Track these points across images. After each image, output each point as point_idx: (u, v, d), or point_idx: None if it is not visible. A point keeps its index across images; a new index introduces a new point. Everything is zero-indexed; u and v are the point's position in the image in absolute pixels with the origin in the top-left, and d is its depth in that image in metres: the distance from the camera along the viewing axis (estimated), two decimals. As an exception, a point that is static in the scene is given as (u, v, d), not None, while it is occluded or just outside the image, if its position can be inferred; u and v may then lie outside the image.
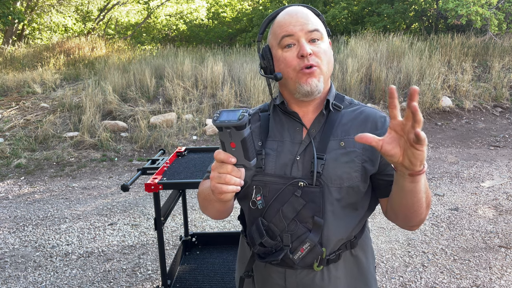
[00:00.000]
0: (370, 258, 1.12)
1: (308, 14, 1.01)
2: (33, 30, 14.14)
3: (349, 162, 1.00)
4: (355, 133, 1.02)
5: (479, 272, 2.94)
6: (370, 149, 1.00)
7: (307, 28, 0.98)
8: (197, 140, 6.58)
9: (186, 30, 15.90)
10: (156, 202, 1.99)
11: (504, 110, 7.77)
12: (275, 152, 1.05)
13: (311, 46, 0.98)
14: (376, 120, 1.05)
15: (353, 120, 1.05)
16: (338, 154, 1.00)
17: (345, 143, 1.01)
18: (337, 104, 1.07)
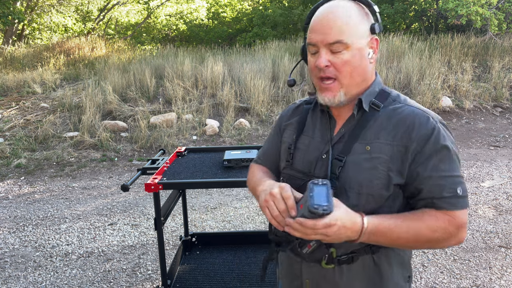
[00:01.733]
0: (397, 272, 1.05)
1: (336, 20, 0.93)
2: (33, 30, 14.14)
3: (372, 169, 0.95)
4: (385, 138, 0.95)
5: (479, 272, 2.94)
6: (400, 158, 0.94)
7: (327, 40, 0.94)
8: (197, 140, 6.58)
9: (186, 30, 15.90)
10: (156, 202, 1.99)
11: (504, 110, 7.77)
12: (305, 147, 1.06)
13: (331, 57, 0.95)
14: (412, 123, 0.95)
15: (388, 122, 0.97)
16: (361, 159, 0.96)
17: (371, 148, 0.96)
18: (376, 103, 0.99)
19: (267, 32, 12.82)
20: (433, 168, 0.93)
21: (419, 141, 0.93)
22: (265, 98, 7.37)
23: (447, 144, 0.94)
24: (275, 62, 8.29)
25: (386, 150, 0.95)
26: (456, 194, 0.92)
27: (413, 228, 0.92)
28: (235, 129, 6.82)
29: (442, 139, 0.94)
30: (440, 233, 0.92)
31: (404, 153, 0.94)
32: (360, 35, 0.96)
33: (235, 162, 2.15)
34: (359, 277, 1.03)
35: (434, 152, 0.93)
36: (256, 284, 2.32)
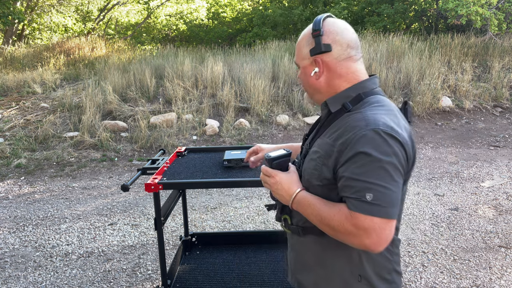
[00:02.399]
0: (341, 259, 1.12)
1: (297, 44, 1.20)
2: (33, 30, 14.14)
3: (314, 160, 1.11)
4: (329, 136, 1.09)
5: (479, 272, 2.94)
6: (331, 156, 1.05)
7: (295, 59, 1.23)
8: (197, 140, 6.58)
9: (186, 30, 15.90)
10: (156, 202, 1.99)
11: (504, 110, 7.77)
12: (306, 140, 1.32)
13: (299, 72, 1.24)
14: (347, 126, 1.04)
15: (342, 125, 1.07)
16: (313, 152, 1.14)
17: (320, 143, 1.12)
18: (345, 105, 1.11)
19: (267, 32, 12.82)
20: (346, 170, 1.00)
21: (344, 144, 1.02)
22: (265, 98, 7.37)
23: (365, 150, 0.97)
24: (275, 62, 8.29)
25: (324, 147, 1.09)
26: (362, 198, 0.96)
27: (322, 211, 1.05)
28: (235, 129, 6.82)
29: (362, 144, 0.98)
30: (337, 223, 1.01)
31: (334, 153, 1.04)
32: (302, 57, 1.18)
33: (235, 162, 2.15)
34: (306, 248, 1.20)
35: (352, 156, 0.99)
36: (256, 284, 2.32)
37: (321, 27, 1.10)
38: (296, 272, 1.26)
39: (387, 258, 1.13)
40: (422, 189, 4.63)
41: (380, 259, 1.12)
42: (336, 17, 1.21)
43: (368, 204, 0.95)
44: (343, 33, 1.11)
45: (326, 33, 1.10)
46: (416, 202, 4.26)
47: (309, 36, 1.13)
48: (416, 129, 7.11)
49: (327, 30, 1.10)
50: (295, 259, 1.25)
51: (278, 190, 1.16)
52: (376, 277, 1.11)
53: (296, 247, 1.24)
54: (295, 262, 1.26)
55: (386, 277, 1.14)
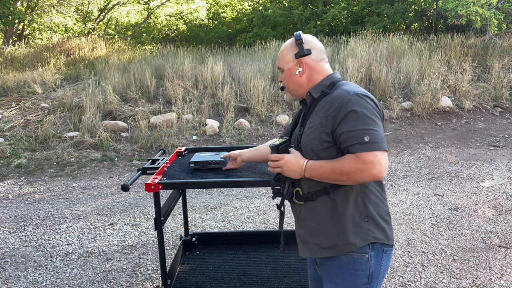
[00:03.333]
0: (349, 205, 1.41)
1: (280, 53, 1.55)
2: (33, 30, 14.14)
3: (311, 133, 1.43)
4: (320, 112, 1.42)
5: (479, 272, 2.94)
6: (325, 123, 1.38)
7: (279, 65, 1.57)
8: (197, 140, 6.58)
9: (186, 30, 15.90)
10: (156, 202, 2.00)
11: (504, 110, 7.78)
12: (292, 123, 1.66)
13: (281, 74, 1.58)
14: (333, 99, 1.40)
15: (325, 102, 1.43)
16: (308, 128, 1.45)
17: (312, 120, 1.44)
18: (324, 91, 1.47)
19: (267, 32, 12.82)
20: (344, 126, 1.33)
21: (335, 110, 1.36)
22: (265, 98, 7.38)
23: (354, 109, 1.32)
24: (275, 62, 8.29)
25: (318, 120, 1.41)
26: (362, 141, 1.29)
27: (333, 165, 1.35)
28: (235, 129, 6.83)
29: (350, 105, 1.33)
30: (348, 167, 1.30)
31: (328, 120, 1.37)
32: (286, 61, 1.52)
33: (202, 165, 2.13)
34: (322, 211, 1.44)
35: (344, 115, 1.33)
36: (256, 284, 2.33)
37: (302, 38, 1.48)
38: (312, 238, 1.48)
39: (382, 201, 1.46)
40: (422, 189, 4.64)
41: (378, 201, 1.44)
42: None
43: (367, 144, 1.28)
44: (317, 42, 1.52)
45: (306, 41, 1.48)
46: (416, 202, 4.26)
47: (292, 44, 1.50)
48: (416, 129, 7.12)
49: (306, 39, 1.49)
50: (309, 226, 1.48)
51: (289, 167, 1.43)
52: (378, 217, 1.42)
53: (308, 214, 1.47)
54: (309, 229, 1.48)
55: (385, 218, 1.45)
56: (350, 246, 1.40)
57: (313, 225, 1.46)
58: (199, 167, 2.12)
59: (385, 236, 1.42)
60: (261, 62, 8.20)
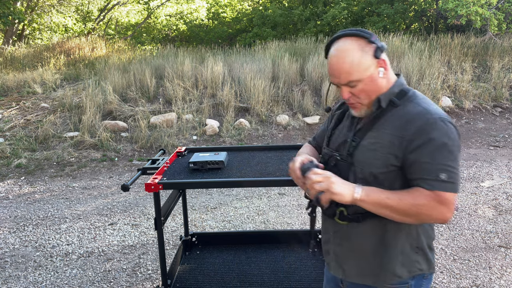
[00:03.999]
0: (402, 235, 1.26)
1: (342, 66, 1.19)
2: (33, 30, 14.14)
3: (373, 151, 1.22)
4: (389, 129, 1.21)
5: (479, 272, 2.94)
6: (397, 145, 1.18)
7: (341, 82, 1.22)
8: (197, 140, 6.58)
9: (186, 30, 15.90)
10: (156, 202, 2.00)
11: (504, 110, 7.77)
12: (339, 132, 1.38)
13: (350, 89, 1.23)
14: (412, 119, 1.18)
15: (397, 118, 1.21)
16: (369, 143, 1.24)
17: (377, 135, 1.23)
18: (393, 101, 1.23)
19: (267, 32, 12.82)
20: (420, 155, 1.15)
21: (414, 134, 1.16)
22: (265, 98, 7.38)
23: (436, 137, 1.14)
24: (275, 62, 8.29)
25: (387, 138, 1.20)
26: (437, 178, 1.13)
27: (401, 195, 1.16)
28: (235, 129, 6.83)
29: (433, 132, 1.14)
30: (422, 202, 1.14)
31: (400, 142, 1.17)
32: (365, 68, 1.19)
33: (201, 165, 2.13)
34: (368, 235, 1.28)
35: (423, 142, 1.14)
36: (256, 284, 2.33)
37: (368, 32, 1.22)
38: (350, 261, 1.33)
39: (432, 228, 1.33)
40: (422, 189, 4.64)
41: (429, 230, 1.31)
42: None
43: (444, 182, 1.13)
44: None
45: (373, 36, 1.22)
46: (416, 202, 4.26)
47: (360, 44, 1.19)
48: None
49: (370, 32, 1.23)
50: (350, 248, 1.32)
51: (336, 188, 1.18)
52: (427, 246, 1.30)
53: (351, 235, 1.31)
54: (350, 251, 1.33)
55: (431, 246, 1.32)
56: (395, 278, 1.27)
57: (356, 248, 1.31)
58: (199, 167, 2.13)
59: (429, 265, 1.31)
60: (261, 62, 8.20)
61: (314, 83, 7.97)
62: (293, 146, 2.59)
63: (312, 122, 7.14)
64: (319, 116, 7.28)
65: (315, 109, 7.46)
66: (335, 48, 1.22)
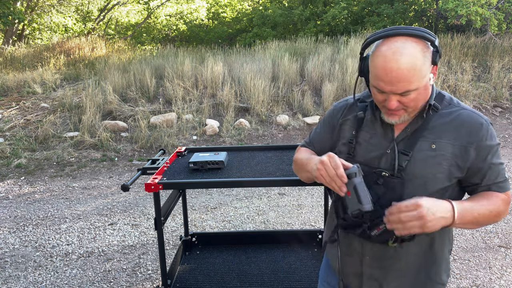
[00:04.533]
0: (446, 241, 1.23)
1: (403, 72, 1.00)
2: (33, 30, 14.14)
3: (436, 165, 1.10)
4: (448, 138, 1.11)
5: (479, 272, 2.94)
6: (461, 156, 1.10)
7: (397, 91, 1.04)
8: (197, 140, 6.58)
9: (186, 30, 15.90)
10: (156, 202, 2.00)
11: (504, 110, 7.77)
12: (366, 142, 1.20)
13: (400, 98, 1.07)
14: (471, 126, 1.11)
15: (448, 124, 1.12)
16: (427, 155, 1.11)
17: (436, 146, 1.11)
18: (436, 105, 1.14)
19: (267, 32, 12.82)
20: (489, 161, 1.12)
21: (478, 142, 1.11)
22: (265, 98, 7.38)
23: (497, 142, 1.14)
24: (275, 62, 8.29)
25: (448, 149, 1.10)
26: (505, 179, 1.15)
27: (488, 206, 1.10)
28: (235, 129, 6.82)
29: (494, 138, 1.13)
30: (503, 208, 1.13)
31: (465, 152, 1.10)
32: (424, 75, 1.04)
33: (201, 165, 2.13)
34: (416, 251, 1.19)
35: (490, 149, 1.12)
36: (256, 284, 2.32)
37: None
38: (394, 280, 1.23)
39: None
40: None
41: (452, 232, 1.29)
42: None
43: (506, 181, 1.15)
44: None
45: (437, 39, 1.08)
46: (416, 202, 4.26)
47: (422, 49, 1.02)
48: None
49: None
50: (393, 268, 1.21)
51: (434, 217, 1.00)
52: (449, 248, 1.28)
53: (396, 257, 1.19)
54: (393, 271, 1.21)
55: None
56: (440, 286, 1.24)
57: (401, 267, 1.21)
58: (199, 167, 2.12)
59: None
60: (261, 62, 8.20)
61: (314, 83, 7.97)
62: (293, 146, 2.59)
63: (312, 122, 7.14)
64: (319, 116, 7.28)
65: (315, 109, 7.45)
66: (392, 50, 1.01)
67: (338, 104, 1.35)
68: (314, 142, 1.40)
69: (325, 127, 1.36)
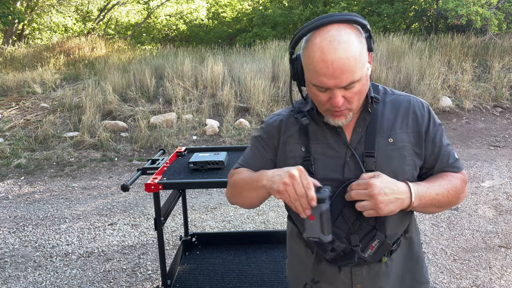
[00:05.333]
0: (418, 236, 1.19)
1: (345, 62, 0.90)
2: (33, 30, 14.13)
3: (401, 158, 1.04)
4: (400, 127, 1.06)
5: (479, 272, 2.94)
6: (416, 143, 1.06)
7: (341, 84, 0.92)
8: (197, 140, 6.58)
9: (186, 30, 15.90)
10: (156, 202, 1.99)
11: (504, 110, 7.77)
12: (321, 156, 1.06)
13: (344, 93, 0.95)
14: (416, 111, 1.08)
15: (395, 113, 1.07)
16: (388, 151, 1.04)
17: (393, 139, 1.04)
18: (376, 97, 1.07)
19: (267, 32, 12.82)
20: (439, 143, 1.08)
21: (425, 124, 1.07)
22: (265, 98, 7.37)
23: (440, 122, 1.11)
24: (275, 62, 8.29)
25: (405, 138, 1.05)
26: (457, 158, 1.12)
27: (445, 185, 1.05)
28: (235, 129, 6.82)
29: (436, 118, 1.10)
30: (461, 187, 1.08)
31: (419, 138, 1.06)
32: (364, 63, 0.95)
33: (201, 165, 2.12)
34: (400, 258, 1.13)
35: (436, 130, 1.08)
36: (256, 284, 2.32)
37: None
38: None
39: None
40: (422, 189, 4.63)
41: None
42: None
43: (459, 161, 1.12)
44: None
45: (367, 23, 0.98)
46: (416, 202, 4.25)
47: (359, 35, 0.94)
48: (416, 129, 7.11)
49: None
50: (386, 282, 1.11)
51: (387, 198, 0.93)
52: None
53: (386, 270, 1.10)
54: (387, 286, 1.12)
55: None
56: (426, 285, 1.19)
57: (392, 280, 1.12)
58: (199, 167, 2.12)
59: None
60: (261, 62, 8.19)
61: (314, 83, 7.96)
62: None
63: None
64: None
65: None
66: (327, 40, 0.90)
67: (269, 121, 1.18)
68: (251, 165, 1.17)
69: (262, 149, 1.16)
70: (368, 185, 0.93)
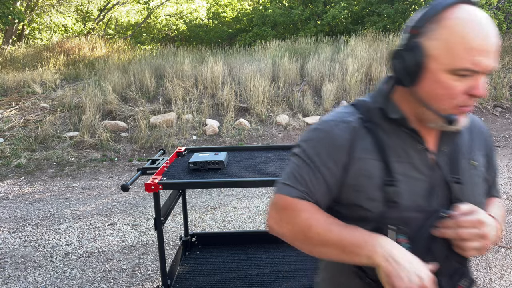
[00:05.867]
0: None
1: (495, 40, 0.77)
2: (33, 30, 14.13)
3: (482, 185, 0.90)
4: (477, 148, 0.92)
5: (479, 272, 2.94)
6: (486, 167, 0.94)
7: (491, 66, 0.77)
8: (197, 140, 6.58)
9: (186, 30, 15.90)
10: (156, 202, 1.99)
11: (504, 110, 7.77)
12: (406, 177, 0.84)
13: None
14: (484, 131, 0.97)
15: (469, 131, 0.92)
16: (473, 176, 0.88)
17: (475, 162, 0.90)
18: None
19: (267, 32, 12.82)
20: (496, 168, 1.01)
21: (491, 147, 0.98)
22: (265, 98, 7.37)
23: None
24: (275, 62, 8.29)
25: (481, 162, 0.92)
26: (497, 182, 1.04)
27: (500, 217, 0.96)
28: (235, 129, 6.82)
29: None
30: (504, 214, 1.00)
31: (487, 162, 0.95)
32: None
33: (201, 165, 2.12)
34: None
35: (494, 154, 1.00)
36: (256, 284, 2.32)
37: None
38: None
39: None
40: (422, 189, 4.63)
41: None
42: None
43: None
44: None
45: None
46: (416, 202, 4.25)
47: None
48: (416, 129, 7.10)
49: None
50: None
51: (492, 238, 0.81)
52: None
53: None
54: None
55: None
56: None
57: None
58: (199, 167, 2.12)
59: None
60: (261, 62, 8.19)
61: (314, 83, 7.96)
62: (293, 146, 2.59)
63: (312, 122, 7.14)
64: (319, 116, 7.28)
65: (315, 109, 7.45)
66: (473, 14, 0.76)
67: (335, 129, 0.89)
68: (316, 194, 0.89)
69: (326, 167, 0.88)
70: (480, 223, 0.77)
